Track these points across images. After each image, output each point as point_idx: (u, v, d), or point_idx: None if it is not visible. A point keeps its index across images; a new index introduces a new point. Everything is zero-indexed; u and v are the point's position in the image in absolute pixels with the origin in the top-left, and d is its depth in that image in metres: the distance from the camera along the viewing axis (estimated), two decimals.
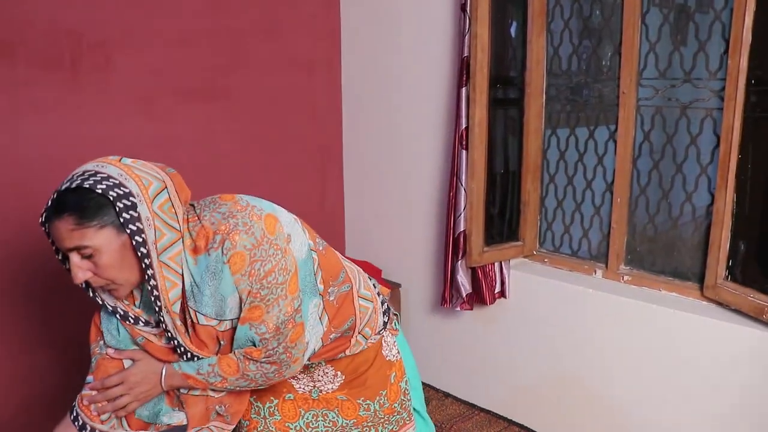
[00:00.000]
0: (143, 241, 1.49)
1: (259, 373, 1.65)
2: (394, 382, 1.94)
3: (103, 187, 1.46)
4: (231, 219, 1.55)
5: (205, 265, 1.54)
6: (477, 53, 2.94)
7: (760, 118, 2.47)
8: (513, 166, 3.29)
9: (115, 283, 1.53)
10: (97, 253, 1.47)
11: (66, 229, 1.44)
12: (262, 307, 1.56)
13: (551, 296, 3.15)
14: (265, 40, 3.59)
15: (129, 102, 3.13)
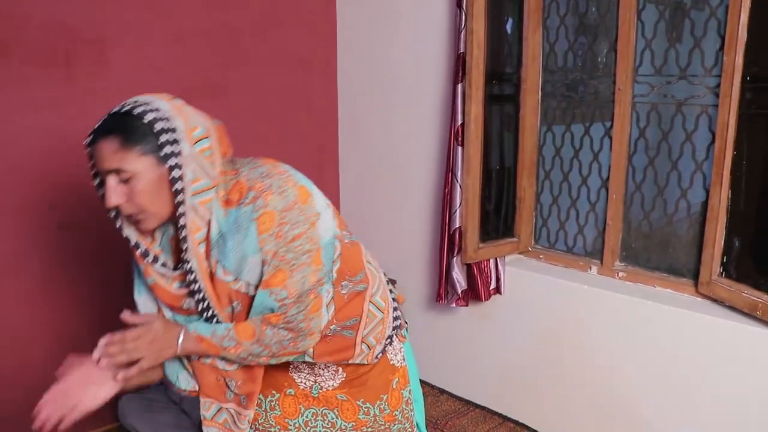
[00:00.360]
0: (179, 177, 1.51)
1: (275, 340, 1.62)
2: (396, 387, 1.93)
3: (150, 117, 1.51)
4: (267, 179, 1.58)
5: (235, 218, 1.56)
6: (473, 49, 2.94)
7: (755, 114, 2.47)
8: (508, 163, 3.30)
9: (145, 212, 1.55)
10: (134, 179, 1.50)
11: (109, 150, 1.49)
12: (286, 272, 1.57)
13: (546, 293, 3.15)
14: (262, 38, 3.58)
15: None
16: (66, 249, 3.05)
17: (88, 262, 3.12)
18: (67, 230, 3.04)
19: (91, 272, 3.14)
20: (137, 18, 3.11)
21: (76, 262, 3.10)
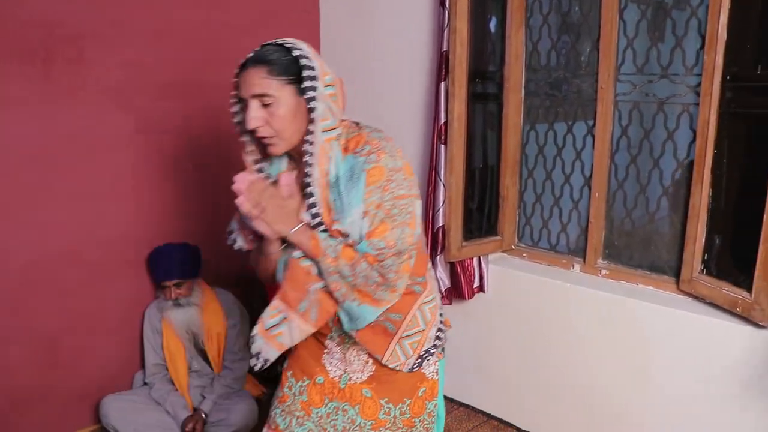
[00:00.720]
0: (314, 109, 1.68)
1: (364, 274, 1.70)
2: (421, 396, 1.95)
3: (297, 53, 1.68)
4: (384, 141, 1.73)
5: (349, 166, 1.71)
6: (456, 48, 2.94)
7: (735, 113, 2.49)
8: (492, 161, 3.30)
9: (280, 137, 1.71)
10: (276, 104, 1.67)
11: (258, 76, 1.67)
12: (388, 224, 1.69)
13: (530, 290, 3.16)
14: (243, 35, 3.56)
15: (103, 97, 3.10)
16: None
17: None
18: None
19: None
20: (117, 15, 3.08)
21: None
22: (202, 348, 3.26)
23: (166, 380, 3.24)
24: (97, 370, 3.26)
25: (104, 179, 3.15)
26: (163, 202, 3.37)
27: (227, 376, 3.27)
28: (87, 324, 3.20)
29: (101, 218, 3.17)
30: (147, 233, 3.30)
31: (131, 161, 3.23)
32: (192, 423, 3.08)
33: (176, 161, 3.39)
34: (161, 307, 3.19)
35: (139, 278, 3.33)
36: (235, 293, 3.46)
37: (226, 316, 3.30)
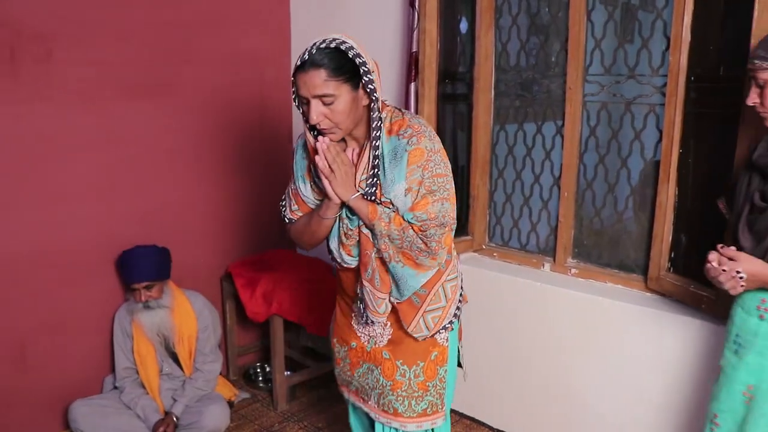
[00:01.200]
0: (376, 99, 1.92)
1: (410, 240, 1.96)
2: (434, 360, 2.17)
3: (352, 53, 1.87)
4: (423, 128, 1.97)
5: (393, 146, 1.95)
6: (426, 48, 2.95)
7: (699, 113, 2.53)
8: (462, 161, 3.32)
9: (339, 127, 1.92)
10: (336, 101, 1.87)
11: (319, 79, 1.84)
12: (429, 199, 1.94)
13: (500, 290, 3.18)
14: (213, 35, 3.55)
15: (71, 97, 3.07)
16: None
17: None
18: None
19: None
20: (84, 13, 3.05)
21: None
22: (173, 350, 3.24)
23: (137, 384, 3.21)
24: (66, 375, 3.23)
25: (73, 181, 3.12)
26: (133, 203, 3.34)
27: (198, 378, 3.25)
28: (56, 328, 3.17)
29: (70, 220, 3.13)
30: (116, 235, 3.27)
31: (100, 162, 3.20)
32: (163, 426, 3.06)
33: (146, 162, 3.36)
34: (131, 309, 3.17)
35: (108, 281, 3.30)
36: (206, 295, 3.44)
37: (197, 318, 3.27)
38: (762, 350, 1.88)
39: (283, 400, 3.57)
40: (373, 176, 1.97)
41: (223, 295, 3.81)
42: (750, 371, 1.90)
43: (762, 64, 1.84)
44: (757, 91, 1.88)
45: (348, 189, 1.97)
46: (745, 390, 1.91)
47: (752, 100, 1.89)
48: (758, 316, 1.89)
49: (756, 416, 1.88)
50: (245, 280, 3.57)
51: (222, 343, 3.70)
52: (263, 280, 3.51)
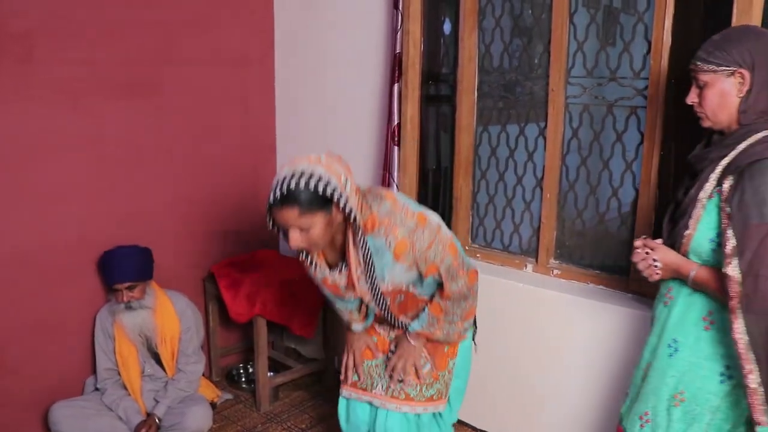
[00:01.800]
0: (350, 213, 2.04)
1: (454, 306, 2.27)
2: (446, 352, 2.44)
3: (321, 187, 1.98)
4: (391, 216, 2.10)
5: (372, 244, 2.11)
6: (409, 50, 2.96)
7: (680, 116, 2.55)
8: (445, 162, 3.33)
9: (316, 245, 2.10)
10: (312, 229, 2.02)
11: (293, 216, 1.98)
12: (433, 263, 2.16)
13: (483, 290, 3.14)
14: (197, 34, 3.53)
15: (53, 97, 3.04)
16: None
17: None
18: None
19: None
20: (66, 11, 3.02)
21: None
22: (155, 351, 3.22)
23: (119, 385, 3.19)
24: (47, 376, 3.20)
25: (54, 181, 3.10)
26: (115, 204, 3.32)
27: (181, 379, 3.24)
28: (36, 329, 3.14)
29: (51, 221, 3.11)
30: (98, 236, 3.25)
31: (82, 162, 3.18)
32: (145, 428, 3.04)
33: (128, 162, 3.35)
34: (113, 310, 3.15)
35: (90, 282, 3.28)
36: (189, 295, 3.42)
37: (180, 319, 3.26)
38: (658, 332, 2.07)
39: (266, 401, 3.56)
40: (366, 270, 2.17)
41: (206, 296, 3.79)
42: (650, 350, 2.10)
43: (703, 66, 1.88)
44: (696, 91, 1.93)
45: (417, 351, 2.39)
46: (645, 366, 2.10)
47: (691, 99, 1.95)
48: (663, 302, 2.06)
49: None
50: (228, 281, 3.56)
51: (205, 344, 3.69)
52: (246, 280, 3.50)
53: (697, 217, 1.90)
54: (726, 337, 1.84)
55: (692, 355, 1.95)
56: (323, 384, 3.83)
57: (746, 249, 1.75)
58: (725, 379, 1.91)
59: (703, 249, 1.90)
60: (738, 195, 1.78)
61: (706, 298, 1.93)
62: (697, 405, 1.95)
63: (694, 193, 1.92)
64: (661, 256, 1.97)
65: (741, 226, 1.76)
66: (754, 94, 1.84)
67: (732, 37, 1.88)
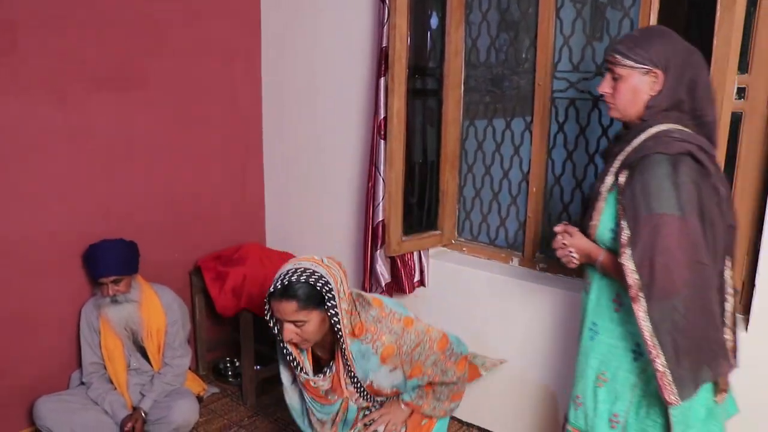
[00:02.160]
0: (338, 320, 2.18)
1: (443, 387, 2.44)
2: (423, 425, 2.53)
3: (319, 285, 2.14)
4: (378, 323, 2.25)
5: (358, 349, 2.25)
6: (396, 43, 2.95)
7: None
8: (431, 156, 3.33)
9: (308, 341, 2.23)
10: (306, 324, 2.16)
11: (291, 310, 2.13)
12: (420, 365, 2.30)
13: (470, 284, 3.20)
14: (183, 27, 3.52)
15: (38, 90, 3.02)
16: None
17: None
18: None
19: None
20: (53, 3, 3.00)
21: None
22: (141, 345, 3.22)
23: (104, 379, 3.18)
24: (31, 371, 3.19)
25: (39, 174, 3.08)
26: (100, 197, 3.31)
27: (167, 373, 3.23)
28: (21, 323, 3.13)
29: (35, 214, 3.09)
30: (83, 229, 3.23)
31: (67, 155, 3.16)
32: (131, 422, 3.04)
33: (114, 155, 3.33)
34: (98, 304, 3.13)
35: (75, 275, 3.26)
36: (175, 289, 3.42)
37: (166, 313, 3.25)
38: (583, 319, 2.18)
39: (253, 394, 3.56)
40: (346, 372, 2.30)
41: (192, 289, 3.78)
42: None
43: (622, 60, 1.95)
44: (611, 82, 2.00)
45: (402, 414, 2.49)
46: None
47: (603, 89, 2.01)
48: (584, 289, 2.18)
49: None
50: (214, 275, 3.56)
51: (191, 337, 3.68)
52: (232, 274, 3.50)
53: (599, 209, 2.02)
54: (633, 317, 1.91)
55: (609, 337, 2.08)
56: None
57: (639, 239, 1.85)
58: (637, 356, 2.02)
59: (605, 238, 2.02)
60: (630, 188, 1.90)
61: (615, 282, 2.03)
62: (617, 384, 2.07)
63: (597, 185, 2.04)
64: (574, 242, 2.11)
65: (633, 217, 1.87)
66: (663, 94, 1.94)
67: (652, 36, 1.97)
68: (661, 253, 1.82)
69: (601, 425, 2.10)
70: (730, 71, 2.25)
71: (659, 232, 1.82)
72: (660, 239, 1.82)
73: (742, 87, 2.40)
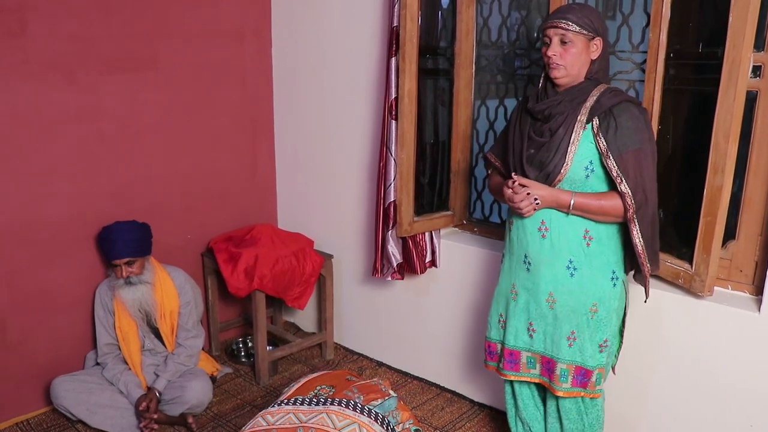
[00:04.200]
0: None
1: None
2: None
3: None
4: None
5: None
6: (406, 23, 2.93)
7: (677, 90, 2.55)
8: (443, 137, 3.32)
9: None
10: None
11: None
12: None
13: (481, 264, 3.20)
14: (193, 7, 3.50)
15: (48, 72, 3.03)
16: None
17: None
18: None
19: None
20: None
21: None
22: (154, 326, 3.24)
23: (119, 360, 3.21)
24: (48, 351, 3.23)
25: (52, 156, 3.09)
26: (113, 179, 3.32)
27: (181, 353, 3.26)
28: (37, 304, 3.16)
29: (49, 196, 3.11)
30: (96, 211, 3.25)
31: (79, 137, 3.17)
32: (146, 402, 3.07)
33: (126, 137, 3.34)
34: (112, 285, 3.16)
35: (89, 257, 3.29)
36: (188, 270, 3.44)
37: (179, 294, 3.27)
38: (550, 262, 2.34)
39: (266, 374, 3.59)
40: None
41: (205, 270, 3.80)
42: (547, 281, 2.36)
43: (574, 27, 2.21)
44: (560, 47, 2.24)
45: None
46: (548, 297, 2.37)
47: (554, 51, 2.25)
48: (540, 236, 2.34)
49: (561, 314, 2.37)
50: (227, 256, 3.57)
51: (204, 318, 3.71)
52: (244, 255, 3.51)
53: (573, 150, 2.23)
54: (603, 246, 2.31)
55: (589, 270, 2.32)
56: (322, 357, 3.86)
57: (629, 170, 2.17)
58: (616, 281, 2.34)
59: (578, 177, 2.25)
60: (611, 130, 2.19)
61: (578, 220, 2.28)
62: (605, 311, 2.35)
63: (563, 132, 2.25)
64: (539, 193, 2.27)
65: (618, 153, 2.18)
66: (602, 57, 2.29)
67: (591, 9, 2.29)
68: (648, 179, 2.20)
69: (592, 351, 2.36)
70: (746, 49, 2.22)
71: (641, 162, 2.18)
72: (645, 168, 2.19)
73: (758, 65, 2.37)
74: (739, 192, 2.49)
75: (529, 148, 2.35)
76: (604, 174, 2.25)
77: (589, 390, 2.39)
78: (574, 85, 2.29)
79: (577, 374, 2.38)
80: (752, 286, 2.54)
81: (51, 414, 3.23)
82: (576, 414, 2.48)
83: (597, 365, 2.37)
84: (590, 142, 2.23)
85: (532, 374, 2.50)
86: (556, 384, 2.41)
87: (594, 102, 2.23)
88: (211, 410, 3.31)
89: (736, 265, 2.57)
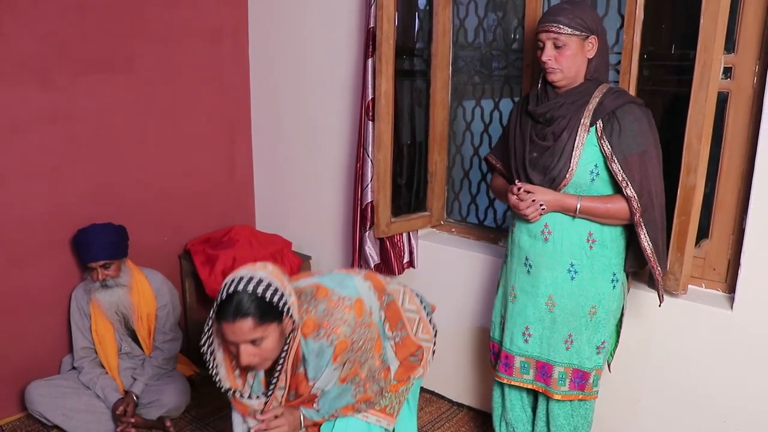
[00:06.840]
0: (298, 325, 1.99)
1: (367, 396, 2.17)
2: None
3: (273, 296, 1.89)
4: (330, 317, 2.01)
5: (312, 347, 2.02)
6: (383, 24, 2.94)
7: (651, 91, 2.58)
8: (420, 137, 3.33)
9: (268, 360, 1.98)
10: (264, 341, 1.90)
11: (247, 328, 1.85)
12: (357, 365, 2.08)
13: (459, 265, 3.22)
14: (169, 8, 3.48)
15: (20, 72, 2.99)
16: None
17: None
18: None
19: None
20: None
21: None
22: (132, 329, 3.22)
23: (96, 363, 3.19)
24: (22, 356, 3.19)
25: (25, 158, 3.06)
26: (88, 181, 3.29)
27: (158, 356, 3.24)
28: (11, 308, 3.13)
29: (24, 198, 3.08)
30: (71, 213, 3.22)
31: (53, 139, 3.14)
32: (123, 406, 3.04)
33: (101, 138, 3.31)
34: (89, 288, 3.13)
35: (64, 260, 3.26)
36: (165, 273, 3.41)
37: (156, 296, 3.25)
38: (551, 265, 2.33)
39: None
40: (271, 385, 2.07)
41: (182, 272, 3.78)
42: (547, 284, 2.35)
43: (566, 30, 2.17)
44: (553, 51, 2.20)
45: (296, 427, 2.14)
46: (547, 300, 2.36)
47: (548, 56, 2.21)
48: (543, 239, 2.33)
49: (560, 318, 2.36)
50: (204, 258, 3.56)
51: (182, 320, 3.69)
52: (222, 257, 3.49)
53: (577, 155, 2.21)
54: (606, 249, 2.30)
55: (590, 273, 2.31)
56: None
57: (635, 173, 2.16)
58: (616, 284, 2.34)
59: (583, 181, 2.24)
60: (615, 133, 2.17)
61: (582, 223, 2.27)
62: (604, 313, 2.35)
63: (567, 136, 2.22)
64: (545, 198, 2.26)
65: (623, 156, 2.16)
66: (599, 56, 2.24)
67: (584, 7, 2.24)
68: (653, 181, 2.18)
69: (589, 353, 2.37)
70: (716, 51, 2.25)
71: (647, 164, 2.17)
72: (650, 170, 2.17)
73: (729, 67, 2.41)
74: (711, 192, 2.53)
75: (531, 151, 2.33)
76: (609, 177, 2.23)
77: (586, 392, 2.40)
78: (574, 87, 2.26)
79: (574, 377, 2.39)
80: (725, 284, 2.58)
81: (26, 420, 3.19)
82: (563, 419, 2.47)
83: (594, 367, 2.39)
84: (594, 145, 2.21)
85: (525, 380, 2.49)
86: (553, 388, 2.41)
87: (597, 104, 2.21)
88: (189, 413, 3.29)
89: (709, 264, 2.61)
